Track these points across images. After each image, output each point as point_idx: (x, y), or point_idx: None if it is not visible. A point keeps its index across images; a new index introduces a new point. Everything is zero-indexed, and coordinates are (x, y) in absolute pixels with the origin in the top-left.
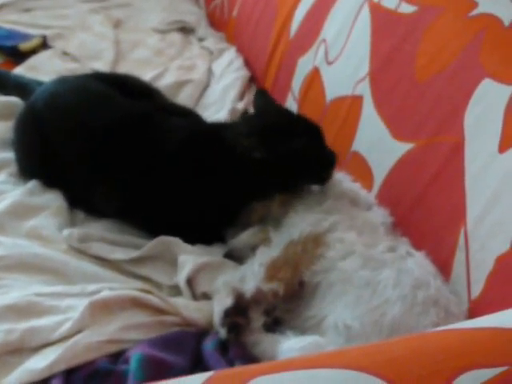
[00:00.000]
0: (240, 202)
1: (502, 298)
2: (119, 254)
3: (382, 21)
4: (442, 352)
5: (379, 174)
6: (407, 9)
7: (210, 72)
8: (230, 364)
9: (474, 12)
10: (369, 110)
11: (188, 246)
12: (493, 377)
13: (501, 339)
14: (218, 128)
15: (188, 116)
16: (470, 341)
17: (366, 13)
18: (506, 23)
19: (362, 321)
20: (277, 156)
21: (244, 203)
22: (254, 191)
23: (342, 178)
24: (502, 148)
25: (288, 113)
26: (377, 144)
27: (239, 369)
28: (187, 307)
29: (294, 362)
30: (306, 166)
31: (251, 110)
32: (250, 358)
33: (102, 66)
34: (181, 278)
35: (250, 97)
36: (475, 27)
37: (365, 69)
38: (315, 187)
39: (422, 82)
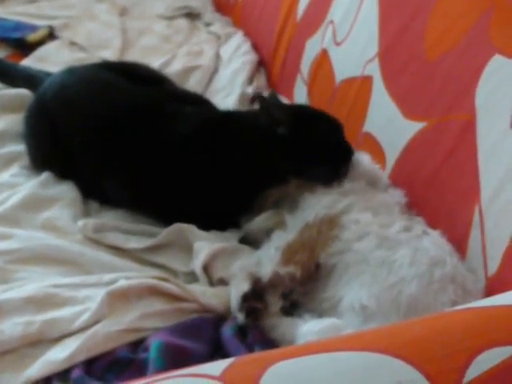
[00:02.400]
0: (254, 188)
1: None
2: (134, 243)
3: (390, 0)
4: (462, 331)
5: (391, 154)
6: None
7: (217, 57)
8: (249, 349)
9: None
10: (379, 90)
11: (203, 233)
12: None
13: None
14: (230, 114)
15: (199, 102)
16: (490, 319)
17: None
18: None
19: (378, 299)
20: (300, 136)
21: (258, 190)
22: (268, 178)
23: (362, 158)
24: None
25: (311, 107)
26: (388, 124)
27: (260, 354)
28: (204, 293)
29: (313, 345)
30: (325, 153)
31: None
32: (268, 342)
33: (110, 54)
34: (197, 265)
35: (259, 81)
36: (484, 3)
37: (374, 49)
38: None
39: (431, 61)
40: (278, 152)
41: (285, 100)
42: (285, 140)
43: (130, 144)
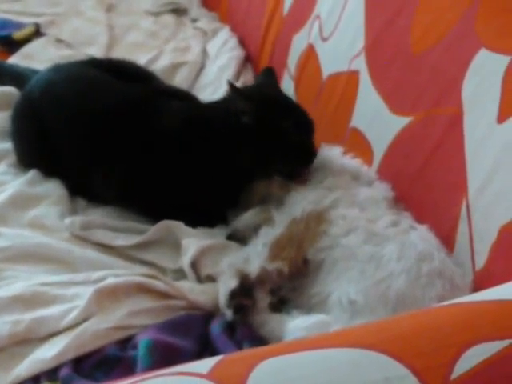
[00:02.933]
0: (240, 181)
1: (506, 268)
2: (122, 240)
3: None
4: (449, 327)
5: (379, 149)
6: None
7: (204, 53)
8: (238, 345)
9: None
10: (366, 85)
11: (190, 229)
12: (500, 350)
13: (507, 312)
14: (214, 107)
15: (186, 99)
16: (477, 314)
17: None
18: None
19: (366, 294)
20: (263, 127)
21: (244, 182)
22: (253, 170)
23: (340, 154)
24: (501, 118)
25: (287, 98)
26: (375, 119)
27: (248, 351)
28: (192, 290)
29: (302, 342)
30: (286, 149)
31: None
32: (257, 338)
33: (97, 51)
34: (185, 262)
35: (246, 76)
36: None
37: (360, 44)
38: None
39: (417, 55)
40: (242, 141)
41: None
42: (248, 130)
43: (117, 141)
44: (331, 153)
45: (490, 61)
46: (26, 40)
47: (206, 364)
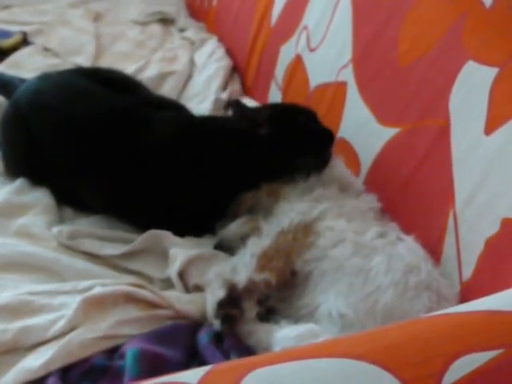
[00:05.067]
0: (229, 192)
1: (493, 279)
2: (109, 250)
3: (363, 6)
4: (437, 337)
5: (366, 160)
6: None
7: (192, 63)
8: (226, 355)
9: None
10: (353, 96)
11: (178, 239)
12: (488, 360)
13: (494, 322)
14: (205, 120)
15: (174, 108)
16: (464, 325)
17: None
18: (487, 5)
19: (355, 308)
20: (280, 132)
21: (233, 193)
22: (243, 181)
23: (334, 163)
24: (488, 130)
25: (281, 103)
26: (362, 130)
27: (237, 362)
28: (180, 300)
29: (290, 353)
30: (307, 141)
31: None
32: (245, 348)
33: (84, 60)
34: (172, 271)
35: (233, 86)
36: (457, 10)
37: (347, 55)
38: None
39: (404, 67)
40: (261, 153)
41: (251, 104)
42: (267, 140)
43: (104, 150)
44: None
45: (478, 73)
46: (14, 48)
47: (195, 374)
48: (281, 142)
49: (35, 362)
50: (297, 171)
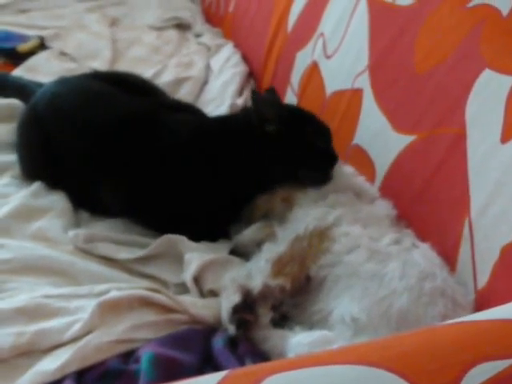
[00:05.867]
0: (244, 196)
1: (508, 287)
2: (125, 254)
3: (380, 14)
4: (453, 345)
5: (381, 167)
6: (405, 1)
7: (208, 68)
8: (240, 360)
9: (472, 3)
10: (369, 103)
11: (193, 244)
12: (504, 368)
13: (510, 331)
14: (222, 122)
15: (190, 112)
16: (481, 333)
17: (363, 6)
18: (504, 13)
19: (369, 313)
20: (288, 135)
21: (248, 197)
22: (257, 184)
23: (347, 170)
24: (504, 138)
25: (304, 109)
26: (378, 137)
27: (253, 367)
28: (195, 305)
29: (306, 359)
30: (309, 157)
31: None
32: (259, 353)
33: (100, 65)
34: (187, 276)
35: (248, 92)
36: (474, 18)
37: (364, 62)
38: None
39: (421, 74)
40: (265, 150)
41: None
42: (272, 138)
43: (121, 153)
44: (339, 170)
45: (494, 81)
46: (31, 53)
47: (212, 379)
48: (284, 146)
49: (51, 364)
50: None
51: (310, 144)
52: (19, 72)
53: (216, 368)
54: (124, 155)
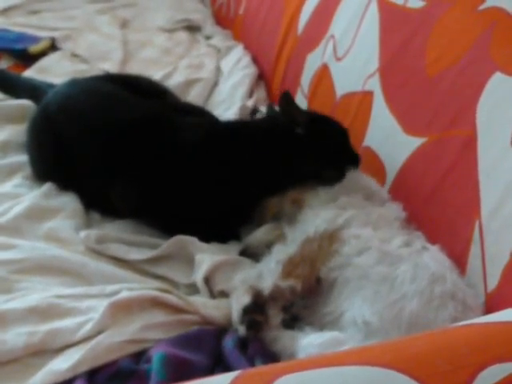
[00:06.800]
0: (255, 197)
1: None
2: (136, 255)
3: (391, 16)
4: (465, 347)
5: (392, 169)
6: (415, 4)
7: (218, 70)
8: (250, 361)
9: (483, 6)
10: (380, 106)
11: (204, 245)
12: None
13: None
14: (230, 124)
15: (200, 114)
16: (491, 335)
17: (374, 8)
18: None
19: (380, 316)
20: (315, 138)
21: (259, 199)
22: (271, 186)
23: (355, 173)
24: None
25: (321, 114)
26: (388, 139)
27: (265, 368)
28: (205, 305)
29: (318, 360)
30: (336, 159)
31: (261, 108)
32: (269, 354)
33: (111, 66)
34: (198, 277)
35: (259, 94)
36: (484, 21)
37: (374, 64)
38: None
39: (432, 77)
40: (293, 152)
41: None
42: (301, 141)
43: (132, 155)
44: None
45: (505, 84)
46: (42, 54)
47: (224, 379)
48: (313, 148)
49: (63, 364)
50: (317, 180)
51: (336, 145)
52: (30, 73)
53: (226, 368)
54: (135, 157)
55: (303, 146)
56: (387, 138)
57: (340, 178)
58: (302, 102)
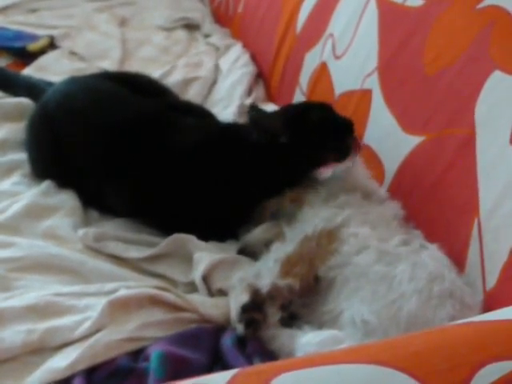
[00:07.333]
0: (253, 198)
1: None
2: (134, 253)
3: (390, 15)
4: (463, 345)
5: (390, 167)
6: (414, 2)
7: (217, 68)
8: (249, 359)
9: (482, 4)
10: (378, 104)
11: (202, 243)
12: None
13: None
14: (230, 127)
15: (201, 114)
16: (490, 334)
17: (372, 7)
18: None
19: (379, 315)
20: (300, 135)
21: (257, 199)
22: (266, 187)
23: (355, 170)
24: None
25: (293, 104)
26: (387, 137)
27: (263, 366)
28: (204, 304)
29: (316, 358)
30: (327, 135)
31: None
32: (267, 352)
33: (109, 65)
34: (197, 275)
35: (257, 93)
36: (483, 20)
37: (373, 63)
38: (330, 179)
39: (431, 76)
40: (284, 159)
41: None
42: (288, 146)
43: (131, 154)
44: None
45: (504, 82)
46: (41, 52)
47: (222, 377)
48: (302, 145)
49: (61, 362)
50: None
51: (322, 125)
52: (29, 71)
53: (224, 367)
54: (132, 156)
55: (290, 152)
56: (386, 137)
57: (343, 154)
58: (300, 100)
